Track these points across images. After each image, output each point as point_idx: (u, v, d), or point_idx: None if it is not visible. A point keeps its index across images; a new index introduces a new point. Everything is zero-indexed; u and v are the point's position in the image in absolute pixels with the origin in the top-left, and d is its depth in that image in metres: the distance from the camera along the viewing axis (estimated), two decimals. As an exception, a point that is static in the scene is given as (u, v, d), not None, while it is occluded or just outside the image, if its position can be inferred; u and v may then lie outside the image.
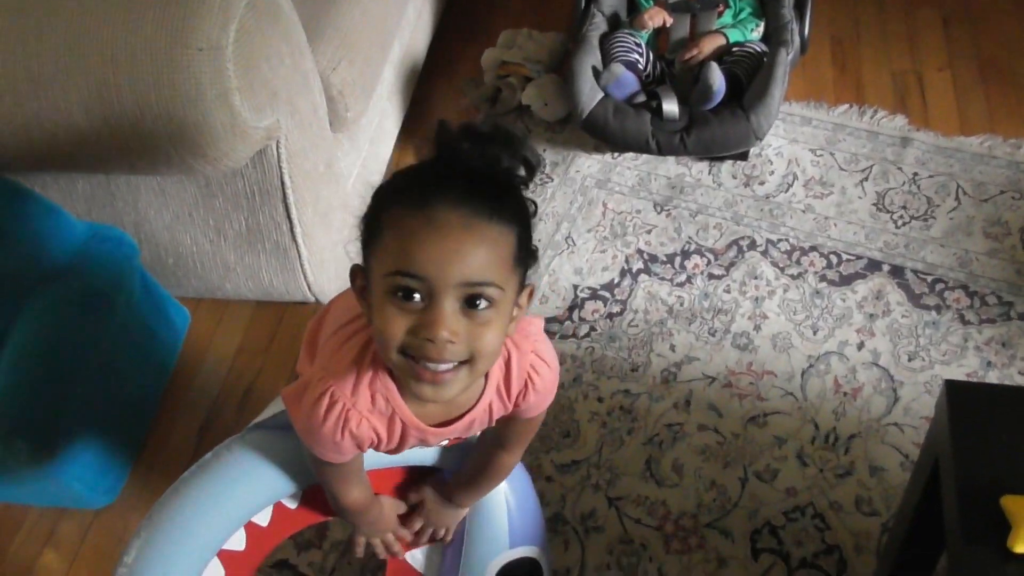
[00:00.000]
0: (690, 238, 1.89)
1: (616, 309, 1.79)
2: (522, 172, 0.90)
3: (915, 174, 1.94)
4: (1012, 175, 1.90)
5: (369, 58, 1.83)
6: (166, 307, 1.80)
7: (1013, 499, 0.95)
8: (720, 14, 1.99)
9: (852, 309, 1.73)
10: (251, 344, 1.85)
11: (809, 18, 1.97)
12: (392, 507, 1.25)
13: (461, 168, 0.86)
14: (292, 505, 1.22)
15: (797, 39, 1.94)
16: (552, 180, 2.04)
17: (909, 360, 1.65)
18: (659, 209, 1.95)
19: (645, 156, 2.02)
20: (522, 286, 0.92)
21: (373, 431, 0.99)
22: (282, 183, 1.61)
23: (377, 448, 1.03)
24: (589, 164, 2.06)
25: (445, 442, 1.13)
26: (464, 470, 1.21)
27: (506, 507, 1.27)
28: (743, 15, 1.98)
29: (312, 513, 1.24)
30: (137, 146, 1.44)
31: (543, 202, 2.00)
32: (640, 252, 1.88)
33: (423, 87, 2.25)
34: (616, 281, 1.83)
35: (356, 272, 0.93)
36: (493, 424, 1.08)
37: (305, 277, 1.77)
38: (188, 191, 1.66)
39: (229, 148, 1.43)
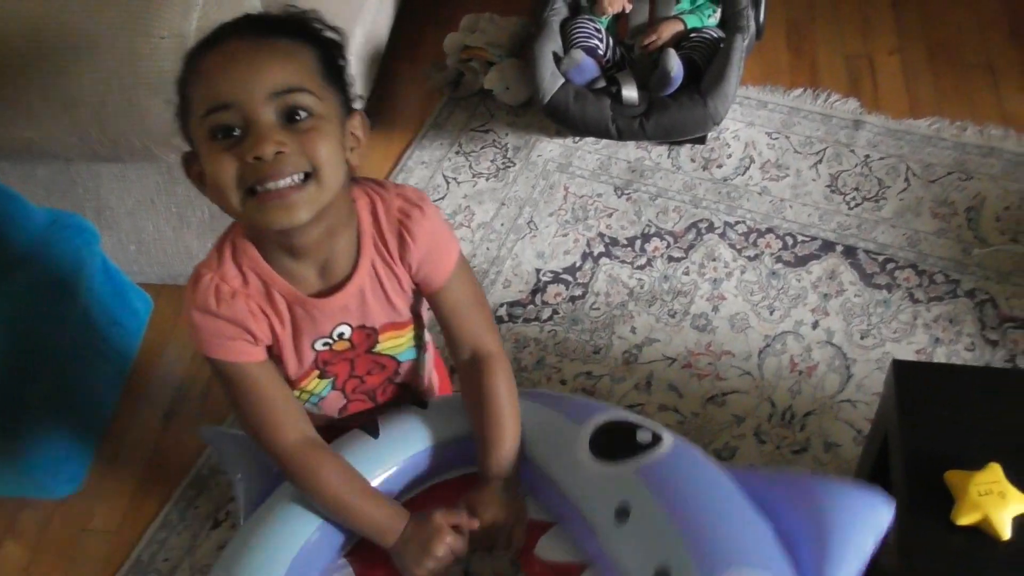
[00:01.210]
0: (650, 221, 1.92)
1: (578, 292, 1.81)
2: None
3: (867, 156, 1.98)
4: (958, 156, 1.95)
5: (331, 44, 1.83)
6: (128, 294, 1.80)
7: (956, 474, 1.00)
8: (678, 1, 2.00)
9: (807, 289, 1.77)
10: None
11: (764, 4, 1.99)
12: (438, 520, 1.02)
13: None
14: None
15: (753, 25, 1.96)
16: (514, 164, 2.06)
17: (862, 338, 1.69)
18: (619, 193, 1.97)
19: (605, 140, 2.04)
20: (348, 109, 0.94)
21: (255, 309, 0.96)
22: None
23: (278, 338, 0.98)
24: (551, 148, 2.08)
25: (346, 331, 1.03)
26: (475, 429, 1.09)
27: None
28: (700, 2, 2.00)
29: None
30: (97, 134, 1.44)
31: (505, 186, 2.02)
32: (601, 235, 1.90)
33: (385, 71, 2.24)
34: (578, 264, 1.86)
35: (189, 161, 0.93)
36: (398, 295, 1.03)
37: (269, 262, 1.77)
38: (150, 178, 1.66)
39: (193, 136, 1.44)
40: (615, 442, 1.03)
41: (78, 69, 1.37)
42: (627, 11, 1.99)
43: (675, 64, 1.82)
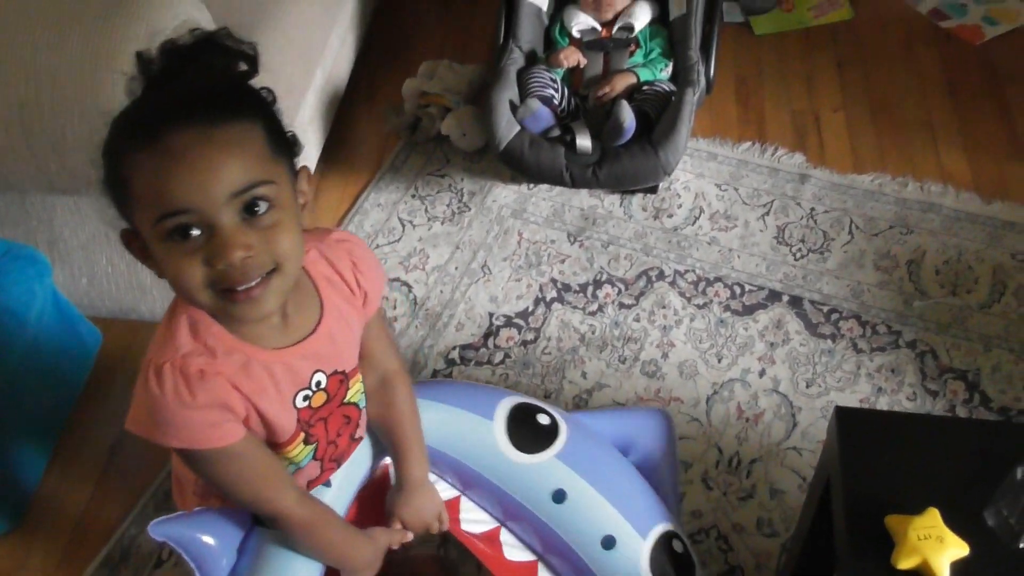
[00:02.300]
0: (602, 268, 1.95)
1: (530, 337, 1.83)
2: (243, 67, 0.87)
3: (812, 209, 2.04)
4: (900, 211, 2.02)
5: (292, 86, 1.84)
6: (78, 327, 1.78)
7: (896, 518, 1.02)
8: (631, 54, 2.06)
9: (754, 338, 1.81)
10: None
11: (714, 59, 2.05)
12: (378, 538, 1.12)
13: (177, 88, 0.83)
14: None
15: (703, 79, 2.02)
16: (469, 209, 2.08)
17: (807, 387, 1.73)
18: (572, 240, 2.01)
19: (559, 188, 2.07)
20: (295, 173, 0.90)
21: (227, 382, 0.90)
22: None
23: (259, 406, 0.93)
24: (505, 194, 2.11)
25: (322, 379, 1.00)
26: (389, 442, 1.15)
27: None
28: (653, 55, 2.06)
29: None
30: (56, 166, 1.43)
31: (460, 230, 2.04)
32: (554, 281, 1.93)
33: (344, 113, 2.26)
34: (530, 309, 1.88)
35: (128, 237, 0.88)
36: (357, 332, 1.05)
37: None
38: (106, 211, 1.64)
39: (150, 172, 1.44)
40: (526, 432, 1.21)
41: (39, 100, 1.36)
42: (582, 64, 2.04)
43: (628, 115, 1.86)
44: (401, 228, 2.05)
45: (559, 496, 1.17)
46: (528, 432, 1.21)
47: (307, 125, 2.04)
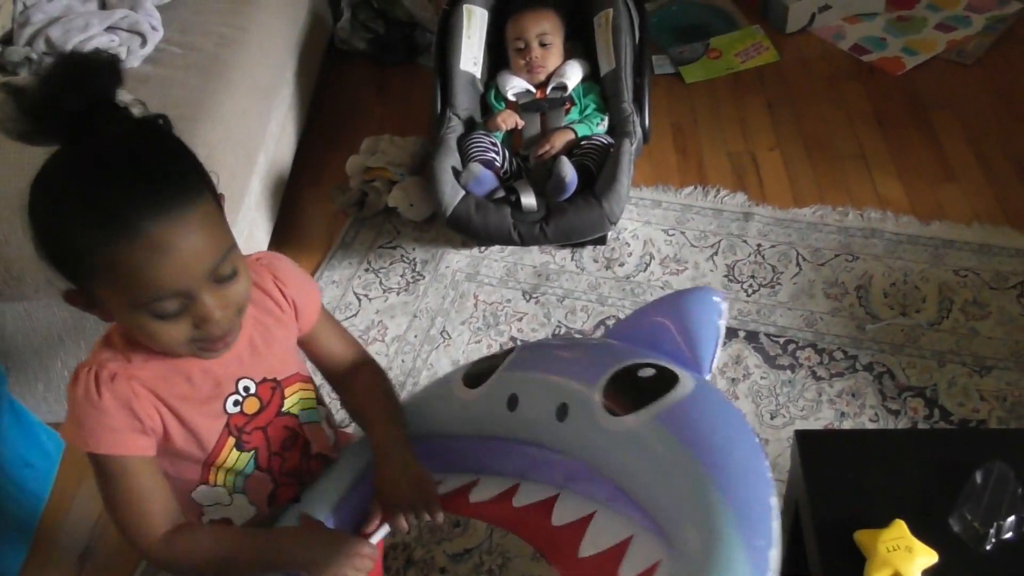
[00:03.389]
0: (559, 322, 1.96)
1: (495, 395, 1.83)
2: (147, 112, 0.91)
3: (759, 245, 2.08)
4: (843, 239, 2.07)
5: (235, 172, 1.86)
6: (38, 434, 1.75)
7: (865, 533, 1.03)
8: (567, 111, 2.11)
9: (715, 376, 1.82)
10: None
11: (648, 110, 2.10)
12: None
13: (137, 171, 0.84)
14: None
15: (639, 129, 2.07)
16: (423, 277, 2.10)
17: (772, 418, 1.74)
18: (528, 297, 2.03)
19: (510, 247, 2.10)
20: (220, 206, 0.93)
21: (139, 389, 0.94)
22: (154, 299, 1.61)
23: (178, 411, 0.97)
24: (458, 259, 2.13)
25: (251, 385, 1.04)
26: (359, 423, 1.17)
27: None
28: (588, 111, 2.11)
29: None
30: (2, 273, 1.43)
31: (416, 299, 2.05)
32: (513, 339, 1.94)
33: (291, 195, 2.29)
34: (493, 368, 1.89)
35: (72, 296, 0.91)
36: (287, 342, 1.08)
37: (182, 392, 1.75)
38: (56, 315, 1.64)
39: (98, 269, 1.44)
40: (480, 370, 1.17)
41: (-22, 211, 1.37)
42: (520, 126, 2.09)
43: (569, 170, 1.90)
44: (357, 303, 2.06)
45: (512, 402, 1.09)
46: (477, 366, 1.20)
47: (254, 210, 2.05)
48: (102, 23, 1.92)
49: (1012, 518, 1.02)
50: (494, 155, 2.01)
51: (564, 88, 2.13)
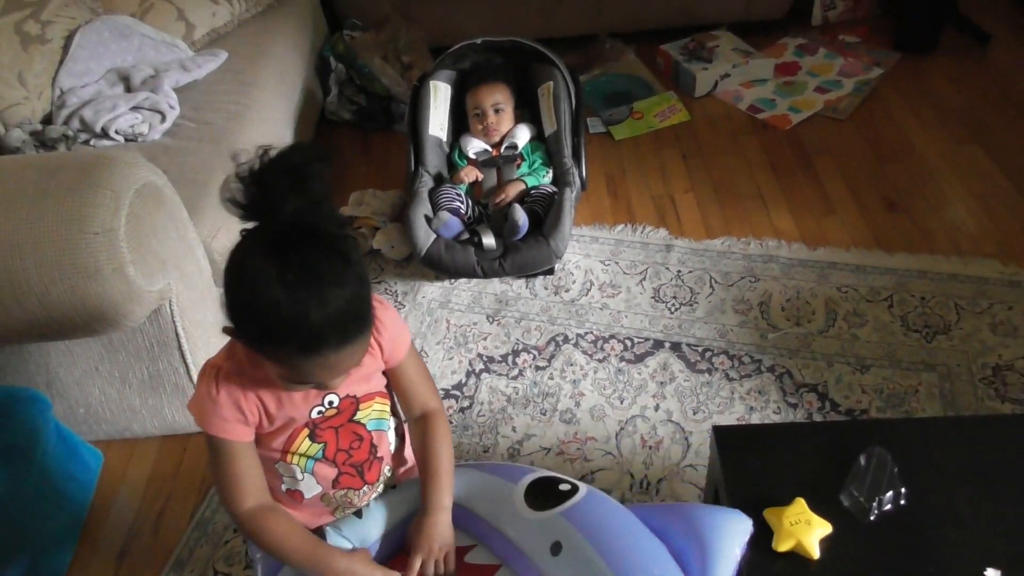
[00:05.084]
0: (518, 339, 1.96)
1: (466, 404, 1.82)
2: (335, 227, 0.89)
3: (679, 271, 2.09)
4: (747, 264, 2.08)
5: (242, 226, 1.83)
6: (80, 451, 1.70)
7: (772, 511, 1.03)
8: (518, 166, 2.11)
9: (647, 380, 1.82)
10: (160, 474, 1.76)
11: (584, 163, 2.11)
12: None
13: (337, 314, 0.85)
14: None
15: (578, 179, 2.08)
16: (404, 306, 2.08)
17: (694, 414, 1.74)
18: (491, 320, 2.01)
19: (475, 280, 2.09)
20: None
21: (249, 392, 0.99)
22: (176, 334, 1.58)
23: (269, 411, 1.01)
24: (432, 291, 2.11)
25: (335, 399, 1.06)
26: (419, 468, 1.12)
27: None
28: (536, 165, 2.12)
29: None
30: (44, 317, 1.39)
31: (399, 325, 2.02)
32: (480, 355, 1.93)
33: (291, 242, 2.25)
34: (463, 381, 1.87)
35: (233, 335, 0.94)
36: (370, 371, 1.08)
37: (203, 411, 1.71)
38: (94, 349, 1.60)
39: (128, 311, 1.41)
40: (543, 495, 1.08)
41: (24, 266, 1.33)
42: (480, 179, 2.09)
43: (521, 216, 1.90)
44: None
45: (556, 548, 1.02)
46: (544, 494, 1.08)
47: (261, 256, 2.03)
48: (127, 104, 1.90)
49: (890, 493, 1.02)
50: (459, 204, 2.01)
51: (515, 147, 2.14)
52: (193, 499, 1.69)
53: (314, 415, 1.05)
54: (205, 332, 1.65)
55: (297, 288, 0.83)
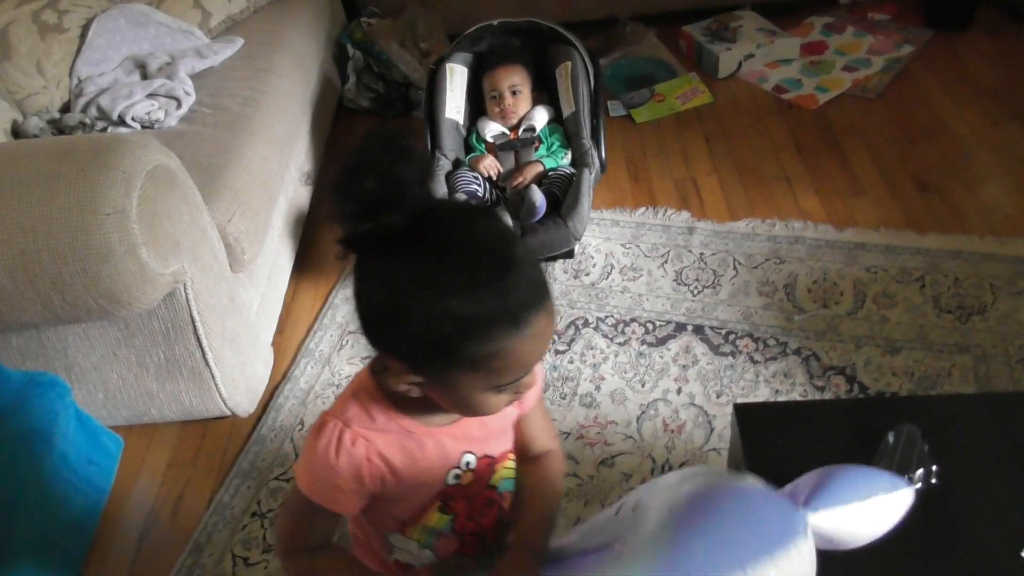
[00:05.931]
0: (537, 324, 1.92)
1: (484, 388, 1.79)
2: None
3: (701, 254, 2.05)
4: (772, 246, 2.03)
5: (258, 210, 1.82)
6: (100, 436, 1.71)
7: (794, 488, 0.99)
8: (536, 149, 2.08)
9: (669, 363, 1.78)
10: (179, 459, 1.75)
11: (603, 145, 2.07)
12: None
13: (532, 276, 0.73)
14: None
15: (597, 161, 2.04)
16: (422, 292, 2.06)
17: (717, 397, 1.70)
18: (510, 304, 1.98)
19: (494, 264, 2.06)
20: None
21: (373, 455, 0.84)
22: (192, 318, 1.57)
23: (400, 475, 0.85)
24: (451, 276, 2.09)
25: (472, 460, 0.91)
26: (522, 505, 0.98)
27: None
28: (554, 147, 2.08)
29: None
30: (59, 300, 1.38)
31: (417, 310, 2.00)
32: (499, 340, 1.90)
33: (310, 229, 2.25)
34: (482, 366, 1.84)
35: (378, 367, 0.82)
36: (508, 422, 0.95)
37: (220, 395, 1.70)
38: (110, 334, 1.60)
39: (141, 293, 1.40)
40: None
41: (37, 247, 1.33)
42: (499, 173, 2.05)
43: (539, 197, 1.87)
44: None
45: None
46: None
47: (278, 242, 2.02)
48: (144, 91, 1.89)
49: (920, 471, 0.98)
50: (476, 187, 1.98)
51: (533, 129, 2.10)
52: (212, 484, 1.69)
53: (450, 480, 0.90)
54: (220, 316, 1.64)
55: (486, 270, 0.71)
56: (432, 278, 0.70)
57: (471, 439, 0.90)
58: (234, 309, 1.71)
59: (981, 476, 0.98)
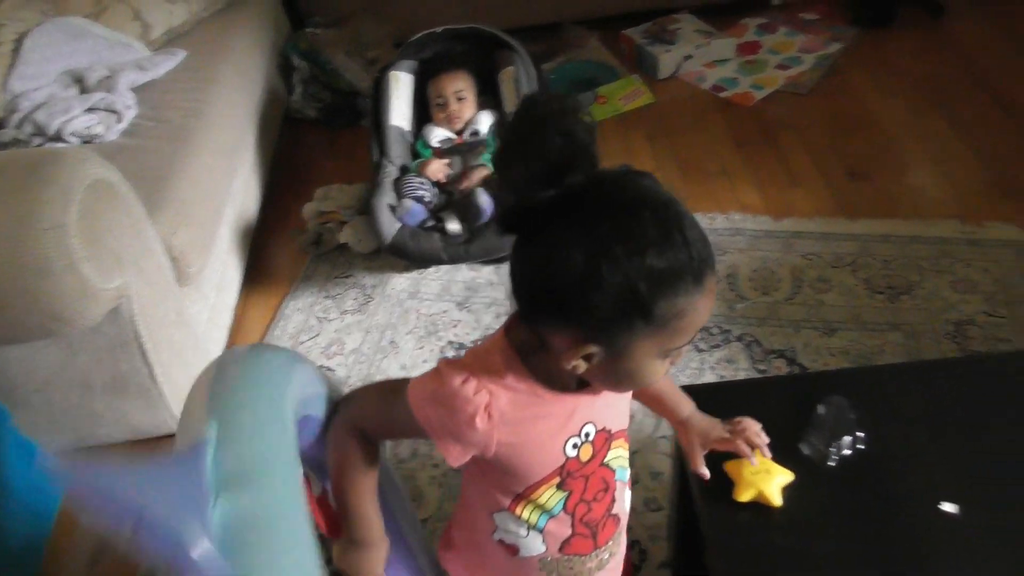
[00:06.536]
0: (488, 325, 1.94)
1: (438, 389, 1.80)
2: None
3: (647, 249, 2.08)
4: (714, 239, 2.04)
5: (204, 222, 1.81)
6: (42, 462, 1.67)
7: (732, 463, 1.02)
8: (482, 152, 2.10)
9: (617, 356, 1.81)
10: (131, 478, 1.73)
11: (547, 146, 2.11)
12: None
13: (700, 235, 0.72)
14: (316, 491, 0.96)
15: (542, 163, 2.07)
16: (373, 299, 2.06)
17: (666, 387, 1.74)
18: (461, 307, 2.00)
19: (444, 268, 2.08)
20: None
21: (494, 408, 0.79)
22: (137, 334, 1.55)
23: (521, 439, 0.81)
24: (401, 282, 2.10)
25: (591, 431, 0.87)
26: (655, 407, 1.05)
27: None
28: (499, 150, 2.11)
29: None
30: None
31: (367, 318, 2.01)
32: (451, 343, 1.91)
33: (260, 240, 2.24)
34: (435, 367, 1.85)
35: (532, 339, 0.77)
36: (626, 397, 0.94)
37: (169, 411, 1.68)
38: (53, 354, 1.57)
39: (83, 309, 1.38)
40: None
41: (-27, 266, 1.31)
42: (447, 176, 2.07)
43: (485, 199, 1.89)
44: (319, 324, 2.02)
45: None
46: None
47: (226, 254, 2.01)
48: (82, 105, 1.87)
49: (848, 438, 1.02)
50: (424, 192, 2.00)
51: (478, 134, 2.13)
52: (165, 500, 1.66)
53: (569, 451, 0.85)
54: (167, 331, 1.63)
55: (669, 225, 0.70)
56: (627, 234, 0.69)
57: (594, 407, 0.86)
58: (181, 323, 1.69)
59: (905, 439, 1.02)
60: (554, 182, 0.69)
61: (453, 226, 1.91)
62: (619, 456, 0.92)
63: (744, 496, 0.98)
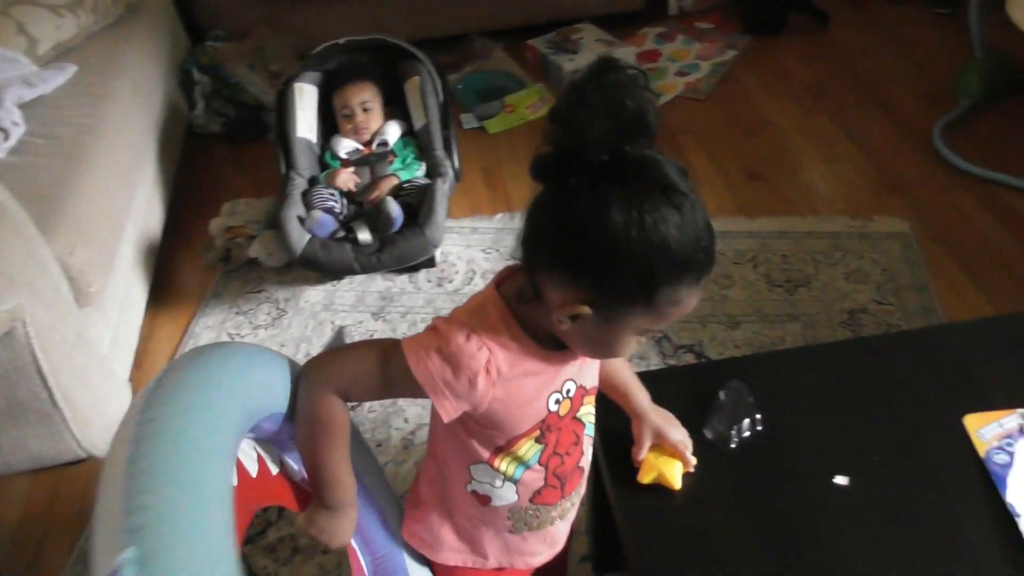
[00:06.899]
0: (404, 333, 1.91)
1: (354, 403, 1.79)
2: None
3: (558, 253, 2.12)
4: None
5: (103, 241, 1.75)
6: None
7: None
8: (391, 162, 2.10)
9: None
10: (32, 512, 1.65)
11: (456, 154, 2.12)
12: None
13: (691, 214, 0.73)
14: (274, 471, 0.95)
15: (451, 171, 2.09)
16: (287, 313, 2.03)
17: (581, 386, 1.77)
18: (376, 317, 1.99)
19: (359, 278, 2.06)
20: None
21: (492, 365, 0.81)
22: (34, 357, 1.49)
23: (508, 394, 0.83)
24: (314, 294, 2.08)
25: (571, 387, 0.90)
26: (610, 391, 1.05)
27: None
28: (408, 160, 2.11)
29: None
30: None
31: (281, 332, 1.98)
32: (367, 352, 1.90)
33: (165, 257, 2.18)
34: (351, 379, 1.84)
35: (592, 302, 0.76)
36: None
37: (74, 437, 1.62)
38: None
39: (-27, 333, 1.32)
40: None
41: None
42: (356, 185, 2.06)
43: (395, 209, 1.89)
44: (231, 341, 1.97)
45: None
46: None
47: (129, 272, 1.94)
48: (-35, 124, 1.79)
49: (747, 421, 1.06)
50: (333, 203, 1.98)
51: (386, 144, 2.13)
52: (71, 534, 1.59)
53: (551, 406, 0.88)
54: (68, 353, 1.56)
55: (694, 212, 0.73)
56: (664, 217, 0.71)
57: (577, 366, 0.89)
58: (83, 345, 1.63)
59: (800, 418, 1.08)
60: (611, 146, 0.71)
61: (364, 236, 1.90)
62: (589, 412, 0.96)
63: (646, 478, 1.01)
